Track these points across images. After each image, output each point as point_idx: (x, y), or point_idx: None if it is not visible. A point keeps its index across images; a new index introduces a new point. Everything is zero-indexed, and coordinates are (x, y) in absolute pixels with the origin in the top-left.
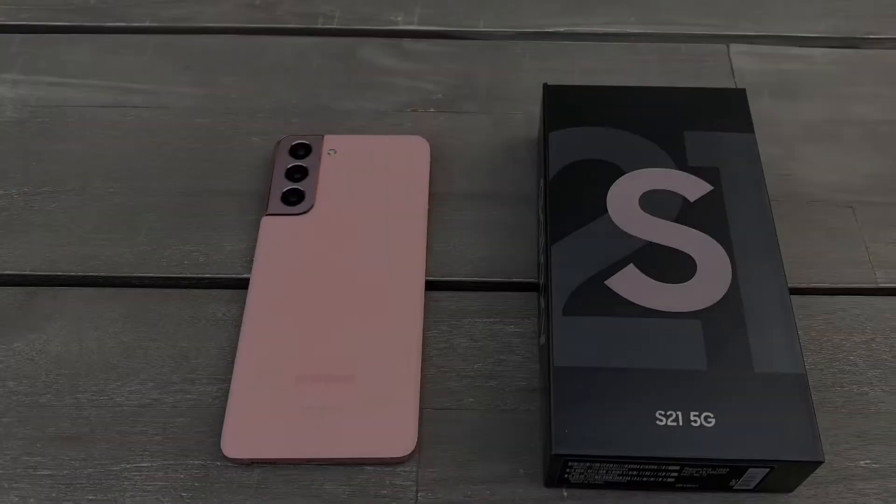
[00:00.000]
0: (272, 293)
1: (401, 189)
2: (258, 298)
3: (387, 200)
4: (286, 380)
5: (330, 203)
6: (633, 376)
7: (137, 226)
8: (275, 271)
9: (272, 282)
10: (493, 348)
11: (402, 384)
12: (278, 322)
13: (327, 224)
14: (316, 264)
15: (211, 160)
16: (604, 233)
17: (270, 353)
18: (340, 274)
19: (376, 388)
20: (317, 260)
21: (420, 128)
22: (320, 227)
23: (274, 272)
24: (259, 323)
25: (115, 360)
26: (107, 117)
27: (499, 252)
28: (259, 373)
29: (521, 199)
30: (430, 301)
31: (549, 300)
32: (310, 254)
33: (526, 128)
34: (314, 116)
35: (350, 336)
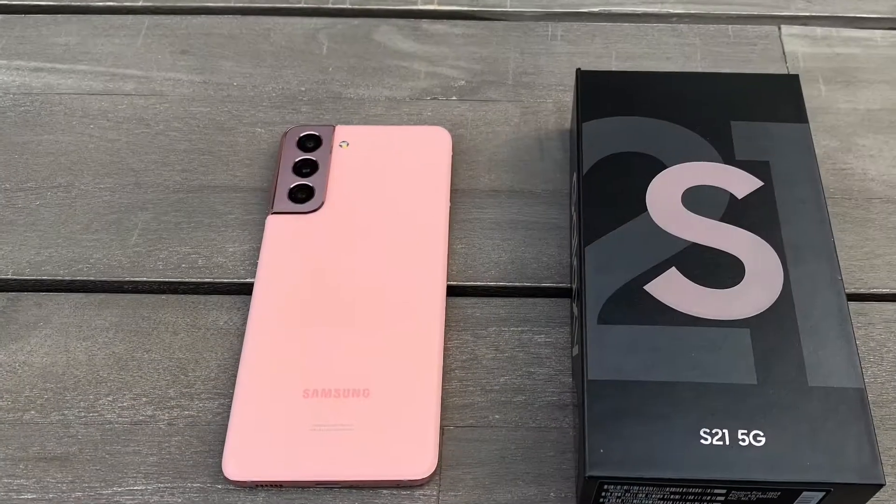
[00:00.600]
0: (278, 299)
1: (419, 185)
2: (263, 305)
3: (404, 197)
4: (294, 394)
5: (341, 200)
6: (675, 391)
7: (130, 225)
8: (281, 275)
9: (278, 287)
10: (521, 360)
11: (421, 399)
12: (285, 331)
13: (339, 223)
14: (326, 268)
15: (211, 153)
16: (643, 233)
17: (276, 366)
18: (353, 278)
19: (393, 403)
20: (327, 263)
21: (441, 117)
22: (331, 227)
23: (280, 276)
24: (264, 332)
25: (106, 372)
26: (96, 106)
27: (527, 254)
28: (264, 387)
29: (552, 195)
30: (451, 308)
31: (582, 307)
32: (319, 256)
33: (557, 118)
34: (324, 105)
35: (364, 347)
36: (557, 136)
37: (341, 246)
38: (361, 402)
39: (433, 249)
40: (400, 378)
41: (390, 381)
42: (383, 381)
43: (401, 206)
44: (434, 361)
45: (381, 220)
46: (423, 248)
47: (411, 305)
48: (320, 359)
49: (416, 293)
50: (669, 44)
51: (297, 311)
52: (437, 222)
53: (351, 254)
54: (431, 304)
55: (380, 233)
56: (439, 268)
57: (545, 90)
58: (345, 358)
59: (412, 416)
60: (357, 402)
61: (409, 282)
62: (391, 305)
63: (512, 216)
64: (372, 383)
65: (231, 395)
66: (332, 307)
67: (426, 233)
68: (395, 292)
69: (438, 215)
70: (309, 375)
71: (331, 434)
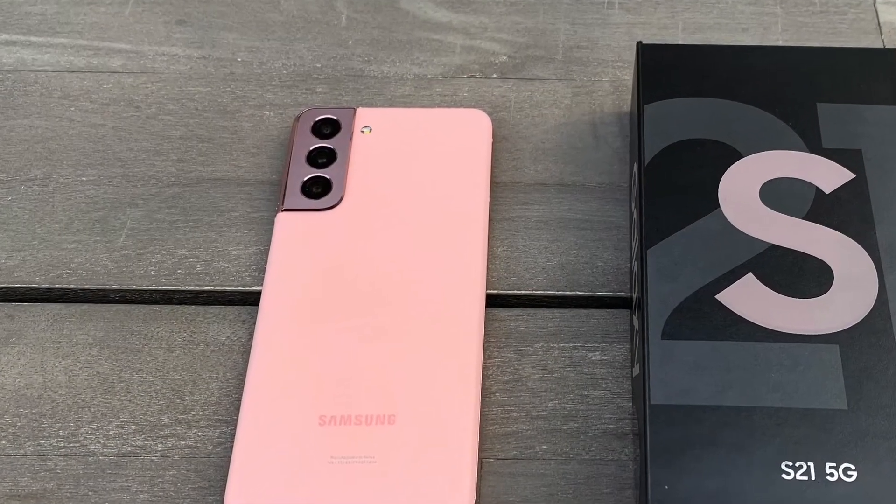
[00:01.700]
0: (289, 311)
1: (454, 177)
2: (271, 317)
3: (436, 192)
4: (307, 422)
5: (363, 195)
6: (751, 417)
7: (117, 225)
8: (293, 283)
9: (289, 296)
10: (572, 381)
11: (456, 427)
12: (297, 348)
13: (360, 222)
14: (345, 274)
15: (211, 140)
16: (714, 233)
17: (287, 388)
18: (376, 286)
19: (422, 432)
20: (346, 268)
21: (479, 99)
22: (351, 226)
23: (292, 284)
24: (273, 349)
25: (89, 396)
26: (78, 85)
27: (580, 258)
28: (273, 413)
29: (609, 190)
30: (491, 321)
31: (644, 320)
32: (337, 260)
33: (614, 99)
34: (343, 84)
35: (389, 366)
36: (615, 120)
37: (363, 248)
38: (386, 431)
39: (470, 253)
40: (431, 402)
41: (420, 405)
42: (412, 406)
43: (432, 203)
44: (471, 383)
45: (408, 219)
46: (458, 252)
47: (444, 318)
48: (338, 380)
49: (450, 304)
50: (745, 13)
51: (312, 324)
52: (474, 221)
53: (374, 258)
54: (468, 316)
55: (407, 233)
56: (477, 274)
57: (600, 67)
58: (367, 379)
59: (445, 447)
60: (381, 430)
61: (441, 291)
62: (421, 318)
63: (562, 214)
64: (398, 408)
65: (235, 423)
66: (353, 320)
67: (462, 234)
68: (425, 303)
69: (476, 213)
70: (325, 399)
71: (350, 468)
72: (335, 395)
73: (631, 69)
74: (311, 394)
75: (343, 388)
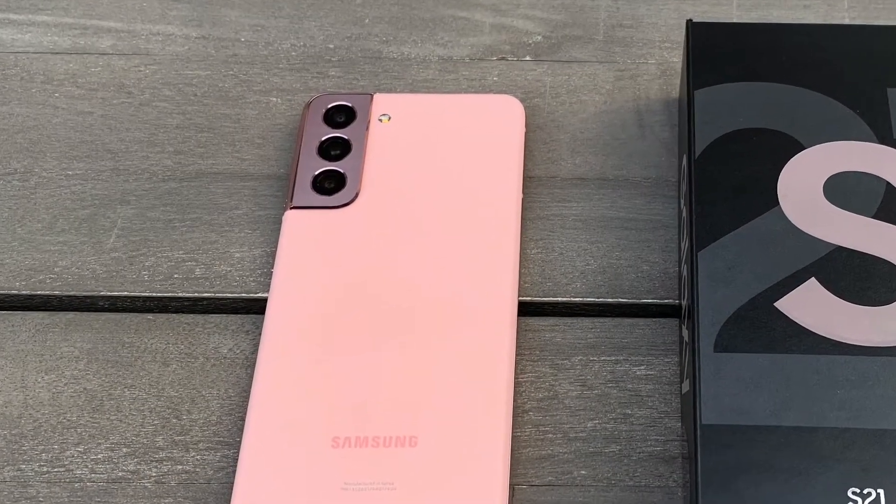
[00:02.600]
0: (299, 320)
1: (482, 171)
2: (279, 327)
3: (462, 187)
4: (319, 444)
5: (381, 191)
6: (814, 439)
7: (107, 224)
8: (303, 289)
9: (299, 304)
10: (614, 399)
11: (485, 450)
12: (308, 361)
13: (377, 221)
14: (361, 279)
15: (211, 130)
16: (773, 233)
17: (297, 407)
18: (396, 293)
19: (447, 455)
20: (362, 273)
21: (511, 83)
22: (367, 226)
23: (301, 290)
24: (280, 362)
25: (76, 415)
26: (63, 68)
27: (623, 261)
28: (281, 434)
29: (656, 185)
30: (524, 331)
31: (694, 330)
32: (352, 264)
33: (662, 84)
34: (359, 67)
35: (410, 382)
36: (662, 107)
37: (380, 251)
38: (407, 454)
39: (500, 256)
40: (457, 422)
41: (444, 426)
42: (435, 427)
43: (458, 200)
44: (501, 401)
45: (431, 218)
46: (486, 255)
47: (472, 329)
48: (354, 398)
49: (479, 313)
50: None
51: (324, 335)
52: (505, 221)
53: (393, 261)
54: (498, 326)
55: (430, 234)
56: (508, 279)
57: (646, 48)
58: (385, 397)
59: (473, 473)
60: (401, 453)
61: (468, 298)
62: (445, 329)
63: (603, 212)
64: (420, 429)
65: (238, 445)
66: (369, 330)
67: (491, 234)
68: (450, 312)
69: (507, 211)
70: (339, 419)
71: (367, 495)
72: (350, 415)
73: (680, 50)
74: (322, 413)
75: (359, 407)
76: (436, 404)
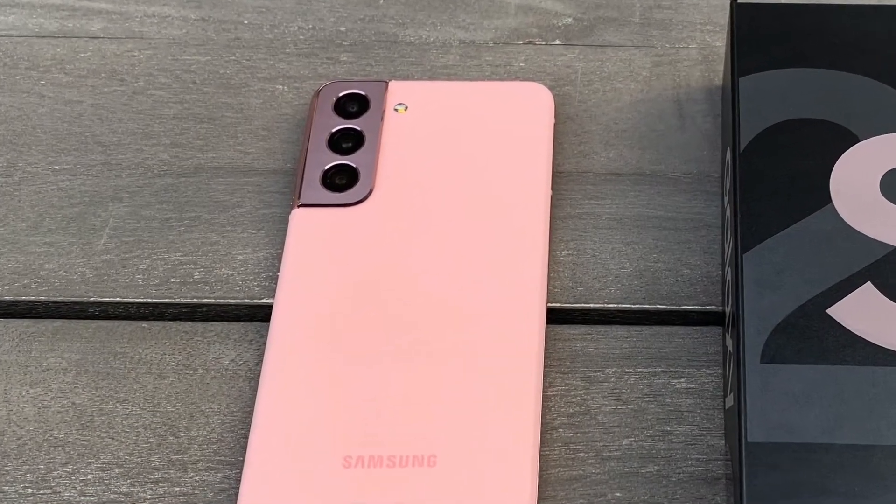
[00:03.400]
0: (307, 328)
1: (508, 166)
2: (285, 337)
3: (486, 183)
4: (329, 463)
5: (397, 187)
6: (871, 458)
7: (98, 223)
8: (312, 294)
9: (307, 311)
10: (652, 414)
11: (511, 470)
12: (317, 373)
13: (393, 220)
14: (375, 284)
15: (212, 121)
16: (825, 234)
17: (304, 423)
18: (413, 299)
19: (470, 476)
20: (376, 277)
21: (539, 70)
22: (382, 226)
23: (310, 296)
24: (287, 375)
25: (63, 432)
26: (49, 54)
27: (661, 264)
28: (287, 453)
29: (697, 181)
30: (553, 341)
31: (739, 339)
32: (366, 267)
33: (704, 70)
34: (373, 52)
35: (429, 396)
36: (704, 95)
37: (396, 252)
38: (425, 475)
39: (527, 258)
40: (480, 440)
41: (466, 444)
42: (456, 445)
43: (481, 197)
44: (528, 416)
45: (452, 217)
46: (512, 257)
47: (496, 338)
48: (367, 413)
49: (504, 320)
50: None
51: (334, 345)
52: (532, 220)
53: (410, 264)
54: (525, 335)
55: (451, 234)
56: (536, 284)
57: (686, 31)
58: (402, 412)
59: (497, 495)
60: (419, 474)
61: (493, 304)
62: (468, 338)
63: (639, 210)
64: (440, 448)
65: (240, 465)
66: (384, 340)
67: (517, 235)
68: (472, 319)
69: (535, 209)
70: (351, 437)
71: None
72: (363, 432)
73: (723, 34)
74: (333, 430)
75: (373, 423)
76: (457, 420)
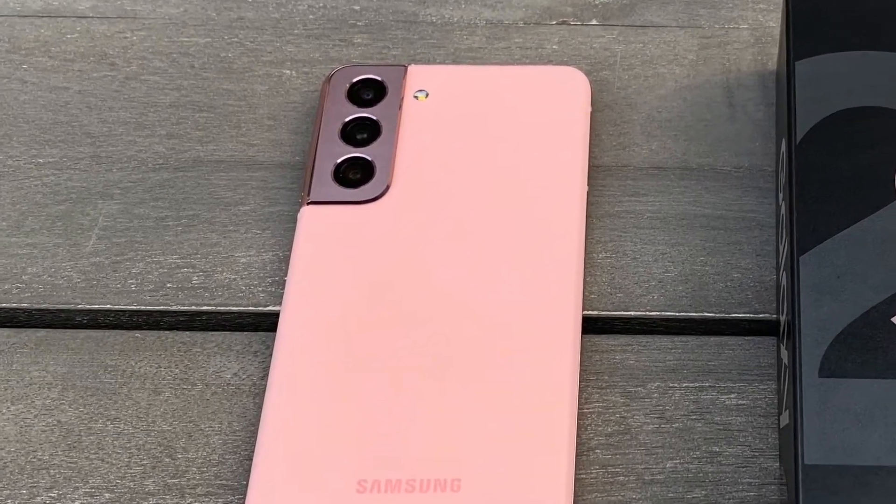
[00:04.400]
0: (318, 339)
1: (539, 159)
2: (294, 348)
3: (515, 178)
4: (343, 488)
5: (416, 183)
6: None
7: (86, 223)
8: (322, 301)
9: (318, 319)
10: (699, 434)
11: (543, 496)
12: (328, 389)
13: (412, 219)
14: (392, 290)
15: (212, 109)
16: (891, 234)
17: (315, 443)
18: (434, 307)
19: (498, 501)
20: (394, 282)
21: (574, 53)
22: (400, 225)
23: (321, 303)
24: (295, 390)
25: (48, 453)
26: (32, 35)
27: (709, 268)
28: (296, 477)
29: (749, 175)
30: (589, 352)
31: (795, 351)
32: (382, 271)
33: (756, 53)
34: (390, 33)
35: (452, 413)
36: (756, 81)
37: (416, 255)
38: (448, 501)
39: (561, 261)
40: (508, 462)
41: (493, 467)
42: (482, 468)
43: (509, 193)
44: (562, 436)
45: (477, 216)
46: (544, 260)
47: (527, 349)
48: (384, 433)
49: (535, 330)
50: None
51: (348, 357)
52: (566, 218)
53: (431, 268)
54: (558, 346)
55: (476, 235)
56: (570, 290)
57: (737, 10)
58: (423, 432)
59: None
60: (441, 499)
61: (523, 312)
62: (495, 349)
63: (685, 208)
64: (464, 471)
65: (243, 490)
66: (402, 352)
67: (550, 235)
68: (500, 329)
69: (569, 207)
70: (366, 459)
71: None
72: (379, 454)
73: (778, 12)
74: (346, 451)
75: (390, 444)
76: (483, 441)
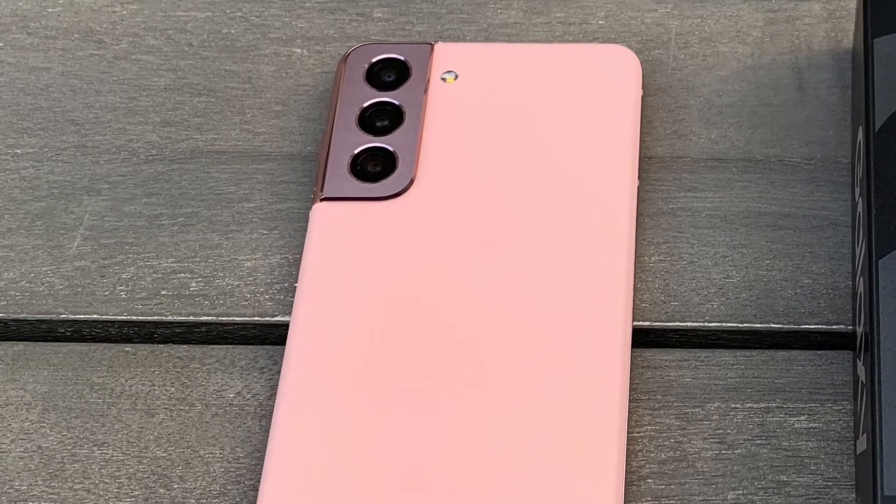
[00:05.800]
0: (331, 354)
1: (584, 149)
2: (305, 364)
3: (556, 172)
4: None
5: (444, 177)
6: None
7: (70, 222)
8: (337, 311)
9: (332, 331)
10: (764, 461)
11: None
12: (343, 411)
13: (438, 218)
14: (416, 297)
15: (213, 93)
16: None
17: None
18: (464, 316)
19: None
20: (418, 288)
21: (622, 29)
22: (425, 225)
23: (335, 312)
24: (306, 413)
25: (27, 482)
26: (9, 9)
27: (776, 273)
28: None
29: (821, 168)
30: (640, 368)
31: (874, 367)
32: (404, 276)
33: (829, 30)
34: (414, 6)
35: (485, 439)
36: (830, 62)
37: (443, 258)
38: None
39: (608, 265)
40: (551, 494)
41: (533, 494)
42: (520, 496)
43: (550, 188)
44: (611, 464)
45: (513, 213)
46: (590, 264)
47: (570, 365)
48: (406, 462)
49: (579, 343)
50: None
51: (365, 375)
52: (614, 216)
53: (460, 273)
54: (605, 361)
55: (512, 235)
56: (619, 298)
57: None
58: (450, 461)
59: None
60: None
61: (565, 323)
62: (533, 365)
63: (748, 205)
64: (501, 498)
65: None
66: (427, 369)
67: (596, 236)
68: (540, 341)
69: (618, 204)
70: (385, 492)
71: None
72: (402, 485)
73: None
74: (363, 482)
75: (415, 475)
76: (520, 469)
